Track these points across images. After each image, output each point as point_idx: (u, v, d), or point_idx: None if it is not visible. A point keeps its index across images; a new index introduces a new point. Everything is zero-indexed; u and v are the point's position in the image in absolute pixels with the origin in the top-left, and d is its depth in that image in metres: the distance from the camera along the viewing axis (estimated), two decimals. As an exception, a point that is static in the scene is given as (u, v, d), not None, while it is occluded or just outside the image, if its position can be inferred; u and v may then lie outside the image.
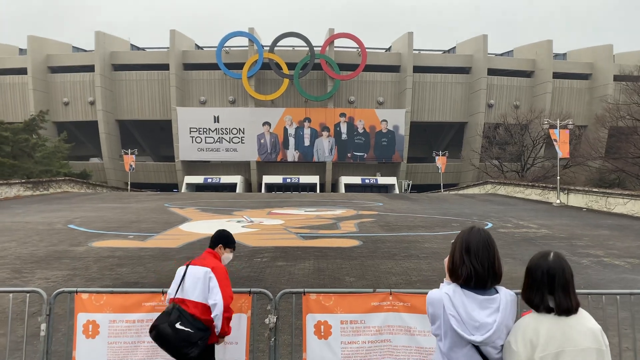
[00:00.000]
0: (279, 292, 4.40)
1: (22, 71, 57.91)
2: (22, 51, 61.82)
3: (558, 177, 29.51)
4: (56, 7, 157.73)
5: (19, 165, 36.84)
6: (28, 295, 4.59)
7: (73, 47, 64.18)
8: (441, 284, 2.76)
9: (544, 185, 33.70)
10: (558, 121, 30.30)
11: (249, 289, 4.39)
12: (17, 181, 33.12)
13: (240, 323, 4.21)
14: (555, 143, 30.64)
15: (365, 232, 16.99)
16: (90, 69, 57.68)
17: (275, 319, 4.19)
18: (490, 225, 19.27)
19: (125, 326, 4.14)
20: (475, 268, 2.50)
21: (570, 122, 30.39)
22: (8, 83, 59.22)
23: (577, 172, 45.24)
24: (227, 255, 4.39)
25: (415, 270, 11.00)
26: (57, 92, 59.12)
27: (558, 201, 29.27)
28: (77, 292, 4.27)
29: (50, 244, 14.19)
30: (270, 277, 10.18)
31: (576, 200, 28.68)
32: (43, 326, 4.16)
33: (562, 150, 30.65)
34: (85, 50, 63.18)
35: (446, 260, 2.74)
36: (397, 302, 4.24)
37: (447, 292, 2.56)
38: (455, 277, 2.58)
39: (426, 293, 2.82)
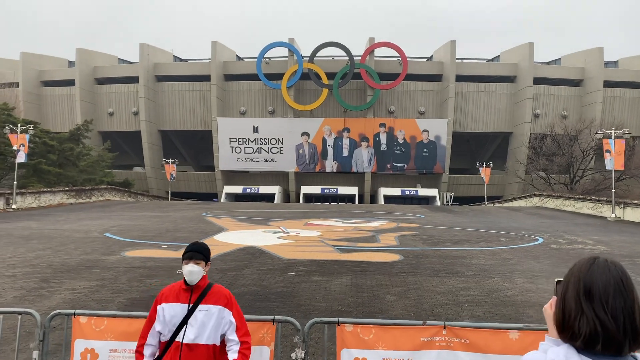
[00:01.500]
0: (309, 322, 3.69)
1: (71, 83, 59.76)
2: (71, 63, 63.90)
3: (613, 190, 27.74)
4: (105, 20, 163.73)
5: (63, 174, 37.67)
6: (20, 317, 3.98)
7: (119, 59, 65.92)
8: (542, 343, 1.73)
9: (597, 198, 31.80)
10: (613, 130, 28.53)
11: (272, 317, 3.68)
12: (61, 189, 33.81)
13: (261, 357, 3.52)
14: (608, 154, 28.84)
15: (406, 246, 16.10)
16: (134, 80, 58.98)
17: (303, 354, 3.49)
18: (541, 240, 18.02)
19: (127, 357, 3.54)
20: (604, 322, 1.53)
21: (627, 132, 28.57)
22: (57, 94, 61.28)
23: (631, 185, 42.71)
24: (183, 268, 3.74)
25: (463, 289, 10.09)
26: (102, 102, 60.70)
27: (613, 215, 27.46)
28: (74, 315, 3.69)
29: (84, 253, 13.98)
30: (304, 294, 9.49)
31: (634, 214, 26.82)
32: (35, 354, 3.60)
33: (617, 161, 28.81)
34: (130, 62, 64.74)
35: (549, 306, 1.76)
36: (452, 337, 3.46)
37: (554, 359, 1.60)
38: (568, 335, 1.61)
39: (489, 327, 2.01)
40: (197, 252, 3.70)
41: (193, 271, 3.60)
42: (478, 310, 8.53)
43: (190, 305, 3.59)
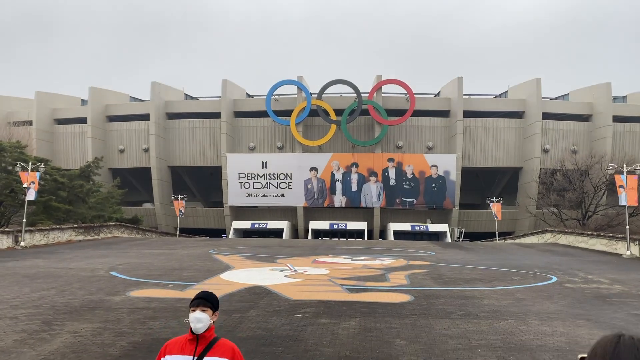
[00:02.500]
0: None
1: (83, 120, 60.76)
2: (84, 102, 65.11)
3: (627, 226, 27.20)
4: (118, 59, 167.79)
5: (73, 210, 37.77)
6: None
7: (130, 97, 67.10)
8: None
9: (610, 234, 31.20)
10: (625, 166, 28.21)
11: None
12: (69, 226, 33.83)
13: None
14: (621, 190, 28.44)
15: (417, 285, 15.73)
16: (145, 117, 59.83)
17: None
18: (555, 279, 17.55)
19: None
20: None
21: (639, 167, 28.23)
22: (69, 132, 62.24)
23: (645, 220, 41.96)
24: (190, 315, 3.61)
25: (476, 332, 9.73)
26: (113, 139, 61.47)
27: (628, 252, 26.85)
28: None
29: (88, 293, 13.78)
30: (311, 338, 9.19)
31: (649, 251, 26.19)
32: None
33: (630, 197, 28.38)
34: (142, 100, 65.86)
35: None
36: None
37: None
38: None
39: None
40: (205, 299, 3.67)
41: (200, 318, 3.53)
42: (492, 356, 8.18)
43: (195, 357, 3.50)
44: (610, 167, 28.99)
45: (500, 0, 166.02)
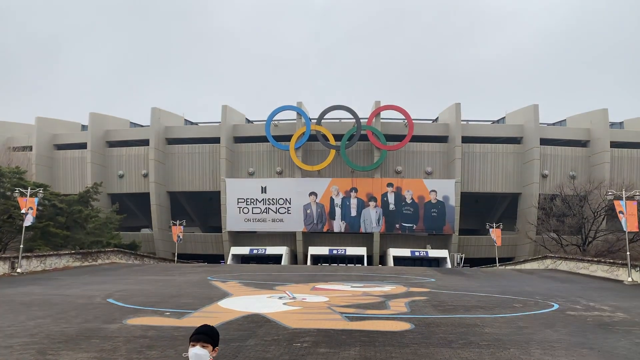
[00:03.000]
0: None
1: (83, 146, 60.97)
2: (84, 127, 65.43)
3: (628, 253, 27.05)
4: (119, 85, 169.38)
5: (71, 236, 37.61)
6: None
7: (130, 122, 67.48)
8: None
9: (611, 260, 31.01)
10: (624, 192, 28.24)
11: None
12: (66, 252, 33.60)
13: None
14: (621, 215, 28.40)
15: (418, 313, 15.55)
16: (145, 142, 60.06)
17: None
18: (556, 306, 17.37)
19: None
20: None
21: (638, 193, 28.25)
22: (69, 157, 62.38)
23: (646, 246, 41.77)
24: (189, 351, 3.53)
25: (477, 362, 9.57)
26: (113, 165, 61.58)
27: (630, 279, 26.64)
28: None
29: (85, 321, 13.59)
30: (310, 368, 9.03)
31: (651, 278, 26.00)
32: None
33: (630, 222, 28.31)
34: (142, 126, 66.22)
35: None
36: None
37: None
38: None
39: None
40: (205, 334, 3.63)
41: (200, 355, 3.50)
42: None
43: None
44: (610, 193, 29.02)
45: (497, 28, 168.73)
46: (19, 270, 28.24)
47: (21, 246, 29.08)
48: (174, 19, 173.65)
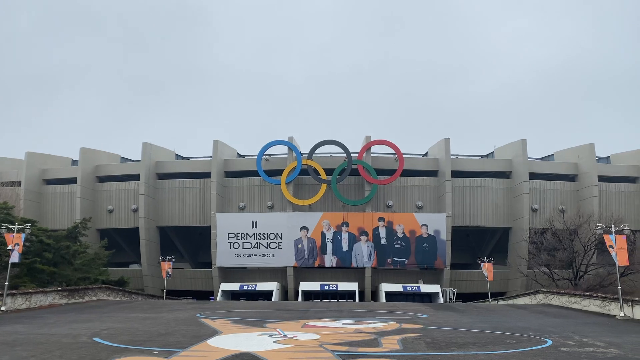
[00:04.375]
0: None
1: (72, 181, 60.58)
2: (74, 162, 65.19)
3: (619, 287, 27.05)
4: (110, 120, 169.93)
5: (58, 272, 36.91)
6: None
7: (121, 157, 67.40)
8: None
9: (603, 295, 30.96)
10: (613, 226, 28.44)
11: None
12: (53, 289, 32.97)
13: None
14: (611, 249, 28.51)
15: (410, 350, 15.32)
16: (135, 177, 59.87)
17: None
18: (549, 342, 17.21)
19: None
20: None
21: (627, 227, 28.46)
22: (58, 192, 61.88)
23: (636, 280, 41.80)
24: None
25: (471, 402, 9.40)
26: (102, 200, 61.16)
27: (622, 314, 26.56)
28: None
29: (69, 361, 13.23)
30: (301, 410, 8.81)
31: (644, 312, 25.94)
32: None
33: (620, 257, 28.40)
34: (132, 160, 66.13)
35: None
36: None
37: None
38: None
39: None
40: None
41: None
42: None
43: None
44: (599, 227, 29.22)
45: (485, 64, 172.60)
46: (3, 308, 27.60)
47: (6, 283, 28.50)
48: (165, 53, 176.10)
